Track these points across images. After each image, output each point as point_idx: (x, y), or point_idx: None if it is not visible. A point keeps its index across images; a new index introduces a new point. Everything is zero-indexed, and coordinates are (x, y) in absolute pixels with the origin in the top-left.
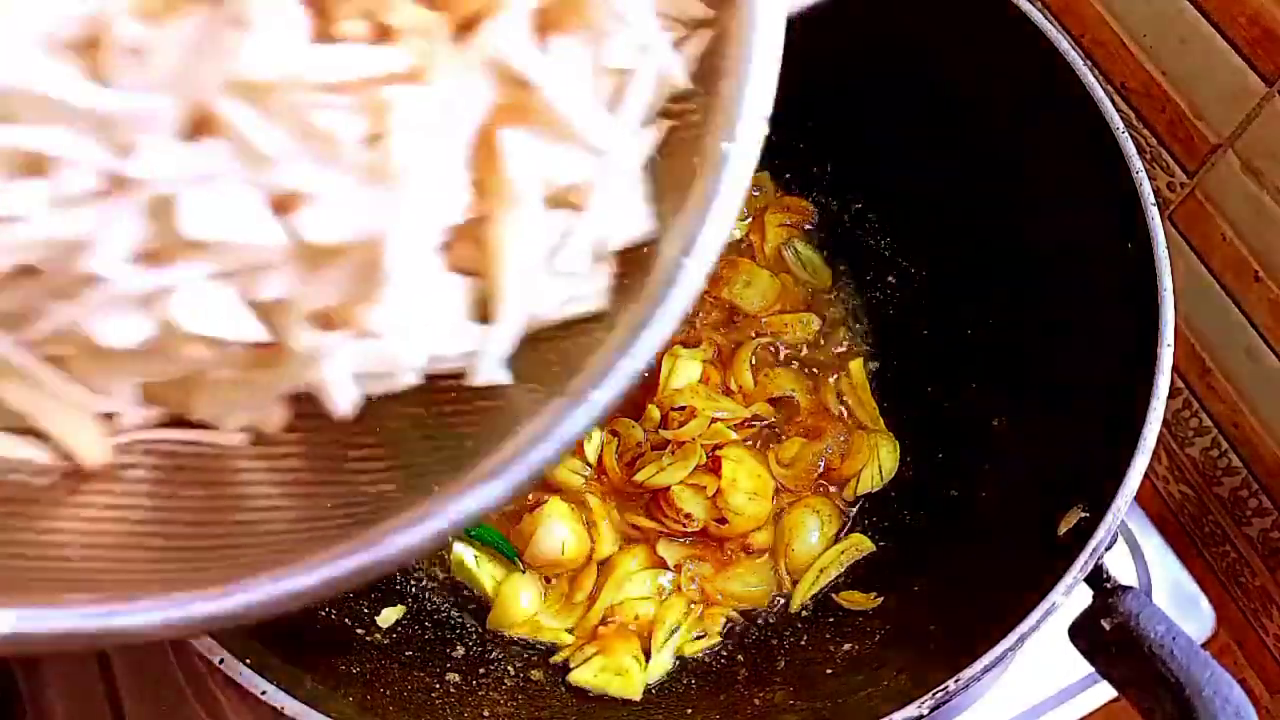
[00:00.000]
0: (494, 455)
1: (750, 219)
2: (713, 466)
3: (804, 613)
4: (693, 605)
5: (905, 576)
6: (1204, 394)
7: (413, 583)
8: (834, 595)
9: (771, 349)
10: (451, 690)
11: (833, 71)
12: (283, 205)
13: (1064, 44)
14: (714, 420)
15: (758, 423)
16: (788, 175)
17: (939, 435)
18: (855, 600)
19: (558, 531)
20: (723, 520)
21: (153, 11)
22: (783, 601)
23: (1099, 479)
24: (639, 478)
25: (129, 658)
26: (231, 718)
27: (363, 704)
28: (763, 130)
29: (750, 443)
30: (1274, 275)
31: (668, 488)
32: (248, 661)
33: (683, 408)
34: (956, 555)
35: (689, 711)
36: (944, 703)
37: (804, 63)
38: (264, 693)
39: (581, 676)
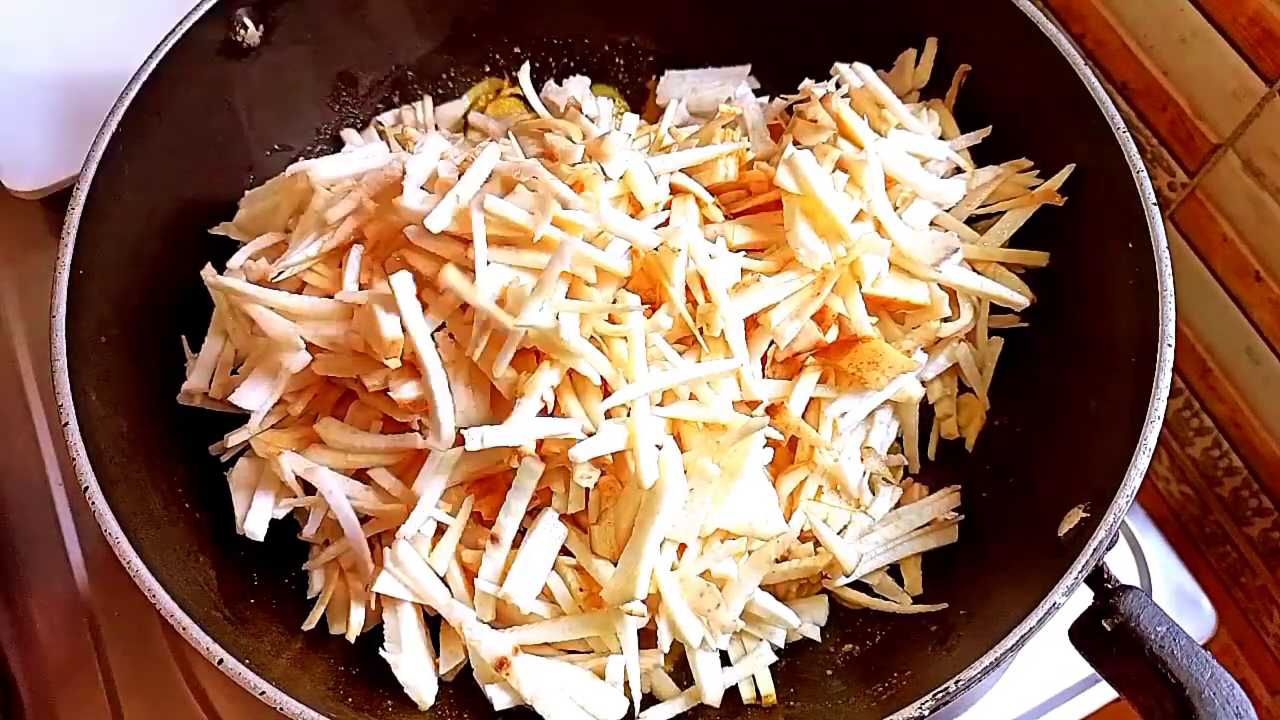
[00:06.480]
0: None
1: None
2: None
3: None
4: None
5: None
6: (1205, 394)
7: None
8: (834, 595)
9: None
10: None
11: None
12: None
13: (1065, 43)
14: None
15: None
16: None
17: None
18: (855, 600)
19: None
20: None
21: None
22: None
23: (1100, 479)
24: None
25: (128, 657)
26: (231, 717)
27: (360, 704)
28: None
29: None
30: (1274, 275)
31: None
32: (247, 661)
33: None
34: (957, 556)
35: (688, 712)
36: (944, 703)
37: (801, 61)
38: (263, 693)
39: None
